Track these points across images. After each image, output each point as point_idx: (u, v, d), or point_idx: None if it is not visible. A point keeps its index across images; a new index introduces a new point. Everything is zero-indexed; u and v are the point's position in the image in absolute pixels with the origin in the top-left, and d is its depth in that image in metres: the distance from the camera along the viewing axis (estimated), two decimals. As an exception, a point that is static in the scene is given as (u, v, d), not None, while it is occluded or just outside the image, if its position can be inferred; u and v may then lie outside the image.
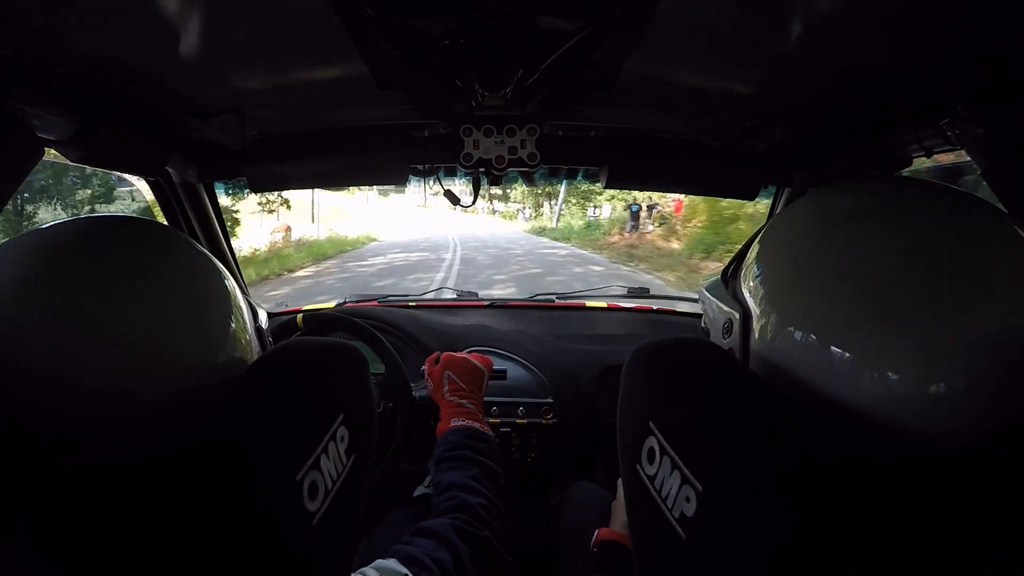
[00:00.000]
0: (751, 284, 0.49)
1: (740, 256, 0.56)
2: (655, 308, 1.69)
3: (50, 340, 0.41)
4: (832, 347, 0.40)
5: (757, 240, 0.53)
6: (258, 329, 0.58)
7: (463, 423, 0.85)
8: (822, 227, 0.46)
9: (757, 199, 1.09)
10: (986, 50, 0.55)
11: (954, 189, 0.46)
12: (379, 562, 0.56)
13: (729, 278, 0.57)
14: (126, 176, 1.05)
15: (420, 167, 1.08)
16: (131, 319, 0.44)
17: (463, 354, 1.00)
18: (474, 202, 1.13)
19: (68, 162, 0.75)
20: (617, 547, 0.81)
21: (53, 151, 0.73)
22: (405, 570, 0.55)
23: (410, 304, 1.65)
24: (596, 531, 0.84)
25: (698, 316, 0.71)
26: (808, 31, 0.57)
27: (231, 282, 0.55)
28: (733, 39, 0.62)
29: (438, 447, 0.82)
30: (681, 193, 1.36)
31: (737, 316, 0.50)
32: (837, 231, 0.45)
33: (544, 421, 1.33)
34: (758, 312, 0.47)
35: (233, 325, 0.51)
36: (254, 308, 0.60)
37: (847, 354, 0.39)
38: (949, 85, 0.59)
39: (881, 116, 0.71)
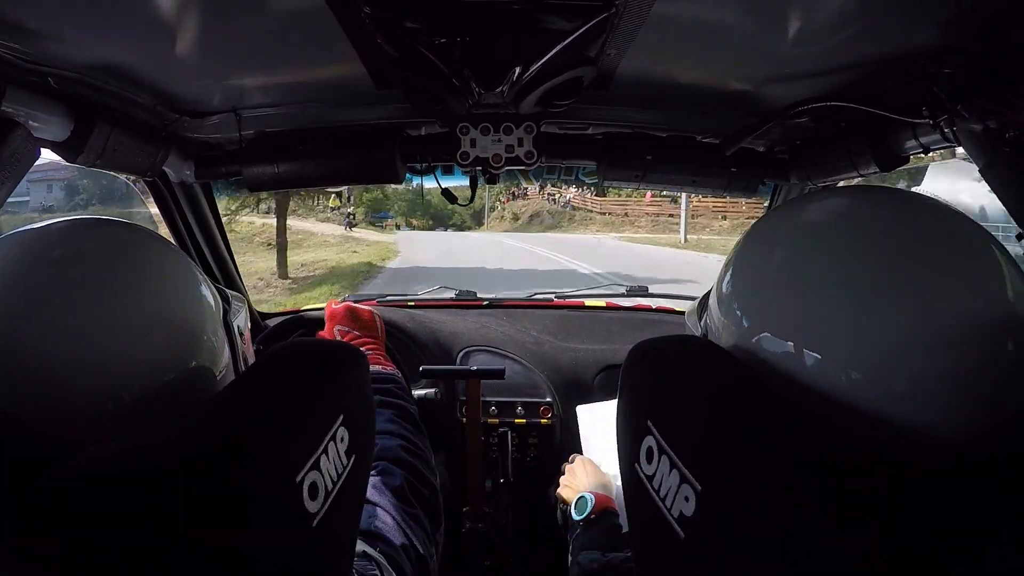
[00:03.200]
0: (710, 312, 0.51)
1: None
2: (654, 307, 1.69)
3: (16, 343, 0.41)
4: (806, 350, 0.40)
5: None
6: (227, 326, 0.56)
7: None
8: (767, 242, 0.48)
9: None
10: (983, 48, 0.55)
11: (906, 192, 0.47)
12: None
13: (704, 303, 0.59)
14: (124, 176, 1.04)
15: (417, 166, 1.08)
16: (88, 320, 0.44)
17: (347, 303, 0.93)
18: (472, 200, 1.13)
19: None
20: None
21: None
22: (374, 551, 0.55)
23: (409, 303, 1.65)
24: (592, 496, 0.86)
25: None
26: (805, 29, 0.57)
27: (197, 277, 0.53)
28: (730, 37, 0.62)
29: None
30: (679, 191, 1.36)
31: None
32: (775, 245, 0.46)
33: (543, 420, 1.33)
34: (716, 335, 0.49)
35: (189, 322, 0.50)
36: (228, 299, 0.58)
37: (818, 354, 0.40)
38: (946, 83, 0.59)
39: (879, 113, 0.71)
